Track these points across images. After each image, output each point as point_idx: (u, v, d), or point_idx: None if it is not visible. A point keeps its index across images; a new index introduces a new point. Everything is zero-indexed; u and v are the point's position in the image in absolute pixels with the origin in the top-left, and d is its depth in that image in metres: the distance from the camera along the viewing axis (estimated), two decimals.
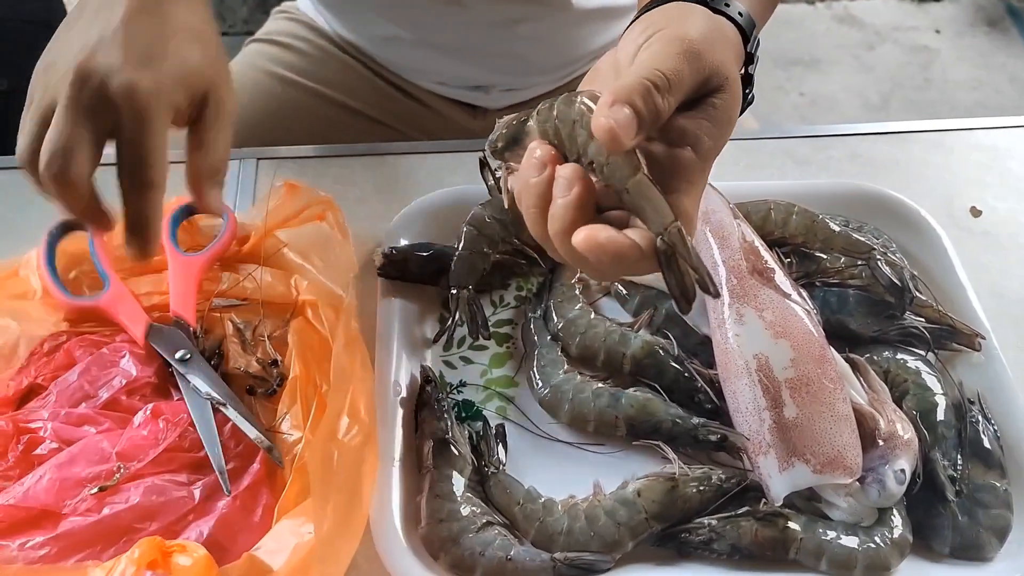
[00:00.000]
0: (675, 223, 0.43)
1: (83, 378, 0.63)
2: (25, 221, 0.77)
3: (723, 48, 0.52)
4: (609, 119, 0.44)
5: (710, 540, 0.58)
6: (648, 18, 0.54)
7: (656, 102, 0.46)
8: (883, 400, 0.63)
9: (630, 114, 0.44)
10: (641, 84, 0.45)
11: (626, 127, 0.44)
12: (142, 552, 0.51)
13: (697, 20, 0.52)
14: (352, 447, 0.57)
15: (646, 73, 0.46)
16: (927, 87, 2.48)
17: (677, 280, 0.44)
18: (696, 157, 0.47)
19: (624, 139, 0.44)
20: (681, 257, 0.43)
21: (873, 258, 0.69)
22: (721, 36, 0.53)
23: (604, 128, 0.44)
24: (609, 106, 0.44)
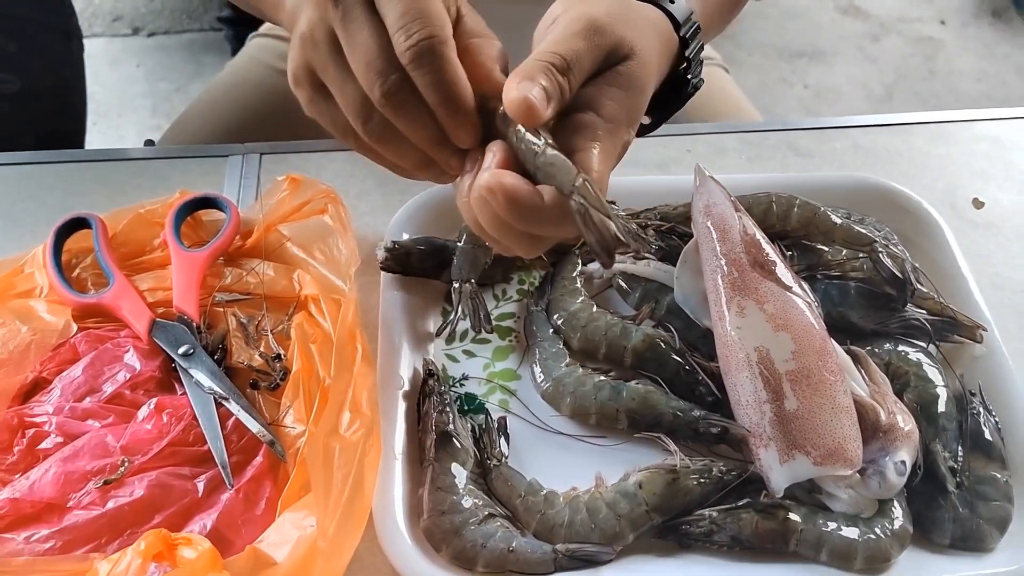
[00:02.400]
0: (579, 175, 0.45)
1: (87, 372, 0.63)
2: (30, 217, 0.78)
3: (633, 25, 0.53)
4: (520, 92, 0.46)
5: (711, 532, 0.59)
6: (560, 2, 0.55)
7: (556, 79, 0.48)
8: (884, 392, 0.63)
9: (534, 86, 0.46)
10: (539, 64, 0.48)
11: (539, 99, 0.46)
12: (148, 545, 0.51)
13: (605, 1, 0.54)
14: (354, 441, 0.57)
15: (543, 56, 0.48)
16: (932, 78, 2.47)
17: (595, 234, 0.44)
18: (600, 118, 0.49)
19: (541, 110, 0.46)
20: (593, 208, 0.44)
21: (875, 250, 0.69)
22: (632, 16, 0.55)
23: (517, 100, 0.46)
24: (515, 82, 0.46)
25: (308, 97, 0.52)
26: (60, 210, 0.75)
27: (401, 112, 0.47)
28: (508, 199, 0.45)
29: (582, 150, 0.47)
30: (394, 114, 0.47)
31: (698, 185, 0.70)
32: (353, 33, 0.47)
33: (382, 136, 0.49)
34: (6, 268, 0.70)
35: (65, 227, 0.71)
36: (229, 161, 0.83)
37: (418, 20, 0.46)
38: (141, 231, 0.73)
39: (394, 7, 0.46)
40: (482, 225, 0.48)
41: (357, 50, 0.47)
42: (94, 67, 1.13)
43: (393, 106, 0.47)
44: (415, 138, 0.48)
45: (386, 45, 0.46)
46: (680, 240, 0.72)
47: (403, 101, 0.47)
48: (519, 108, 0.45)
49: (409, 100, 0.47)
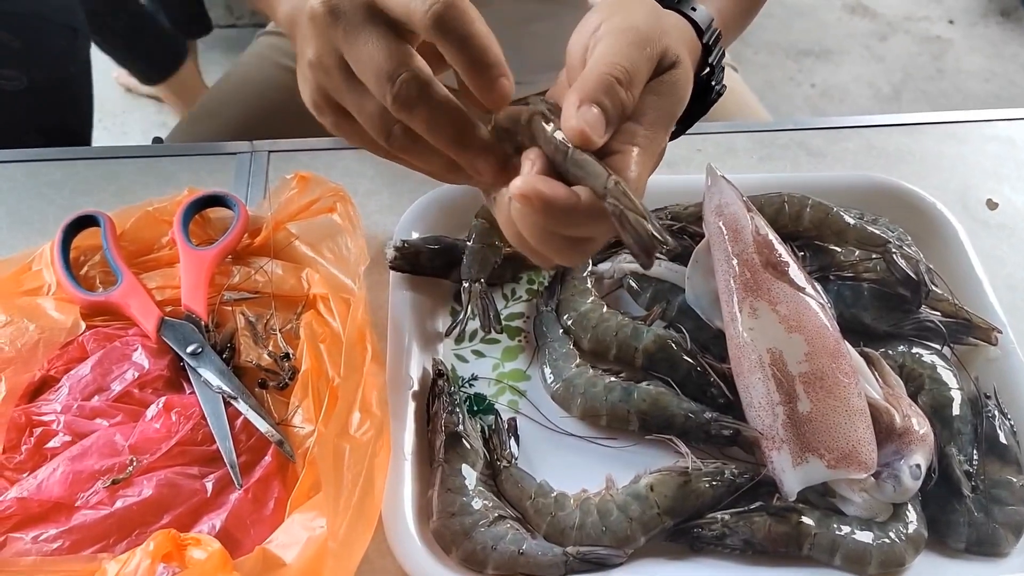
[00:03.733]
0: (612, 177, 0.44)
1: (96, 371, 0.63)
2: (37, 215, 0.78)
3: (671, 32, 0.53)
4: (580, 121, 0.45)
5: (723, 535, 0.58)
6: (596, 11, 0.55)
7: (621, 96, 0.47)
8: (898, 395, 0.63)
9: (598, 113, 0.45)
10: (604, 79, 0.47)
11: (595, 126, 0.45)
12: (157, 545, 0.51)
13: (643, 9, 0.53)
14: (364, 441, 0.57)
15: (607, 68, 0.47)
16: (940, 78, 2.46)
17: (632, 235, 0.43)
18: (640, 126, 0.48)
19: (595, 138, 0.45)
20: (628, 209, 0.43)
21: (888, 251, 0.69)
22: (667, 25, 0.54)
23: (576, 130, 0.45)
24: (576, 107, 0.45)
25: (333, 122, 0.51)
26: (68, 208, 0.75)
27: (416, 113, 0.46)
28: (544, 203, 0.44)
29: (620, 152, 0.47)
30: (409, 116, 0.46)
31: (710, 185, 0.70)
32: (358, 48, 0.46)
33: (405, 146, 0.48)
34: (14, 266, 0.70)
35: (73, 225, 0.71)
36: (237, 159, 0.83)
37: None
38: (149, 229, 0.72)
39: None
40: (525, 238, 0.48)
41: (364, 64, 0.46)
42: (100, 64, 1.13)
43: (407, 108, 0.46)
44: (437, 141, 0.47)
45: (391, 49, 0.45)
46: (691, 240, 0.72)
47: (415, 100, 0.46)
48: (578, 139, 0.45)
49: (421, 98, 0.46)
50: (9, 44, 1.03)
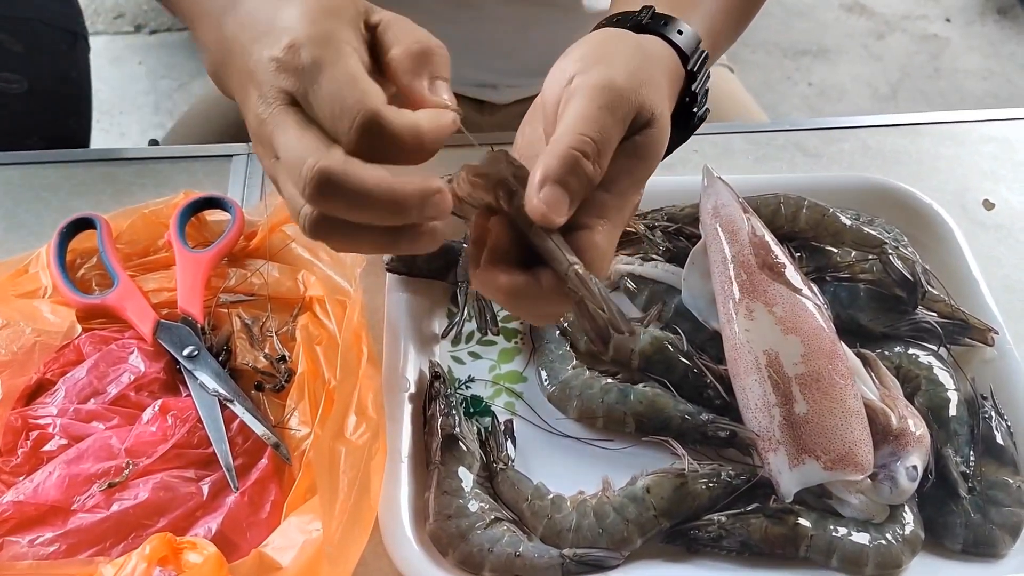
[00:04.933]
0: (572, 267, 0.44)
1: (92, 374, 0.63)
2: (33, 217, 0.78)
3: (649, 79, 0.50)
4: (541, 202, 0.44)
5: (720, 537, 0.58)
6: (572, 54, 0.53)
7: (587, 171, 0.45)
8: (895, 396, 0.63)
9: (560, 193, 0.44)
10: (570, 156, 0.45)
11: (557, 206, 0.44)
12: (153, 548, 0.51)
13: (623, 55, 0.51)
14: (360, 444, 0.57)
15: (573, 141, 0.46)
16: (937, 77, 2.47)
17: (589, 322, 0.44)
18: (610, 195, 0.47)
19: (556, 218, 0.44)
20: (586, 300, 0.43)
21: (885, 252, 0.69)
22: (647, 66, 0.52)
23: (537, 211, 0.44)
24: (539, 188, 0.44)
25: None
26: (64, 210, 0.75)
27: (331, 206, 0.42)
28: (507, 296, 0.45)
29: (588, 228, 0.46)
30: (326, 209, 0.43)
31: (706, 186, 0.70)
32: (280, 140, 0.43)
33: (328, 238, 0.45)
34: (10, 269, 0.70)
35: (69, 227, 0.71)
36: (233, 161, 0.83)
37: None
38: (145, 231, 0.72)
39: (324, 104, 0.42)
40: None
41: (284, 156, 0.43)
42: (96, 65, 1.12)
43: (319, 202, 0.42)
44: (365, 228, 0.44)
45: (313, 147, 0.42)
46: (687, 241, 0.72)
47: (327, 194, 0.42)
48: (539, 219, 0.44)
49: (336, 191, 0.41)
50: (10, 48, 1.04)
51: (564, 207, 0.44)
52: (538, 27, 0.93)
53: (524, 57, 0.97)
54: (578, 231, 0.46)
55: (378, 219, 0.42)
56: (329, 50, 0.43)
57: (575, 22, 0.94)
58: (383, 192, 0.41)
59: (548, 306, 0.46)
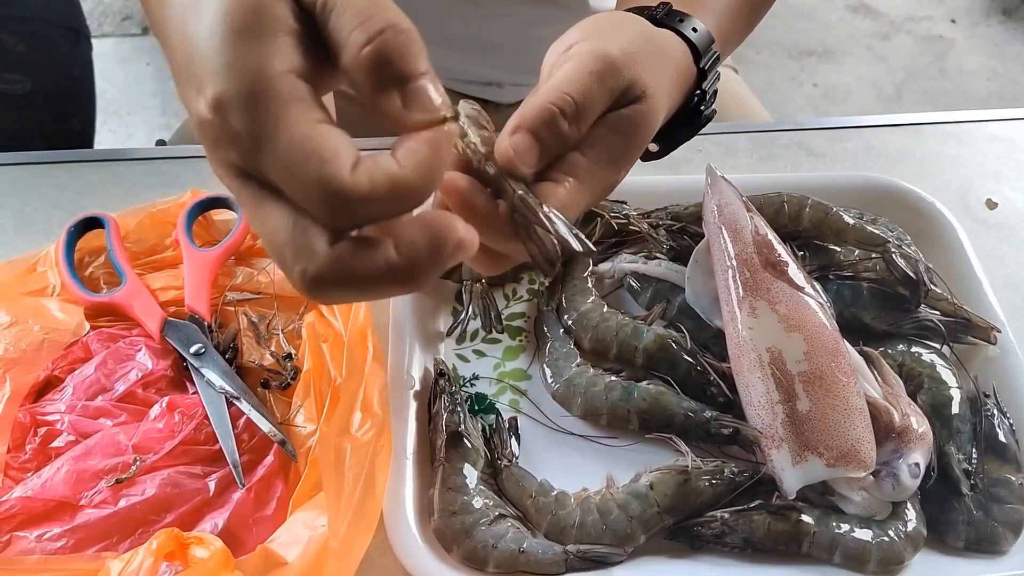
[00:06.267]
0: (518, 192, 0.43)
1: (99, 371, 0.63)
2: (42, 216, 0.78)
3: (649, 63, 0.50)
4: (509, 146, 0.44)
5: (723, 533, 0.58)
6: (579, 26, 0.53)
7: (561, 129, 0.45)
8: (897, 393, 0.63)
9: (531, 142, 0.44)
10: (546, 110, 0.45)
11: (525, 155, 0.44)
12: (160, 544, 0.51)
13: (627, 33, 0.52)
14: (365, 441, 0.57)
15: (553, 97, 0.46)
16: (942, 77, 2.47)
17: (535, 243, 0.43)
18: (584, 159, 0.47)
19: (522, 166, 0.44)
20: (531, 222, 0.43)
21: (888, 251, 0.69)
22: (651, 51, 0.52)
23: (505, 155, 0.44)
24: (510, 134, 0.44)
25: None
26: (72, 209, 0.76)
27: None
28: (461, 202, 0.43)
29: (554, 181, 0.45)
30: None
31: (710, 185, 0.70)
32: (252, 220, 0.37)
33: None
34: (19, 267, 0.70)
35: (78, 226, 0.71)
36: None
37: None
38: (153, 230, 0.73)
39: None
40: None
41: (263, 240, 0.37)
42: (104, 66, 1.13)
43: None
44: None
45: (290, 239, 0.35)
46: (691, 240, 0.72)
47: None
48: (505, 163, 0.43)
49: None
50: (12, 48, 1.04)
51: (532, 157, 0.44)
52: (545, 26, 0.94)
53: (530, 56, 0.97)
54: (543, 181, 0.45)
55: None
56: (262, 105, 0.34)
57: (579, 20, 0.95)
58: (395, 268, 0.35)
59: (496, 235, 0.44)
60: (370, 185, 0.33)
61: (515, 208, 0.43)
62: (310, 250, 0.34)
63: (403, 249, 0.35)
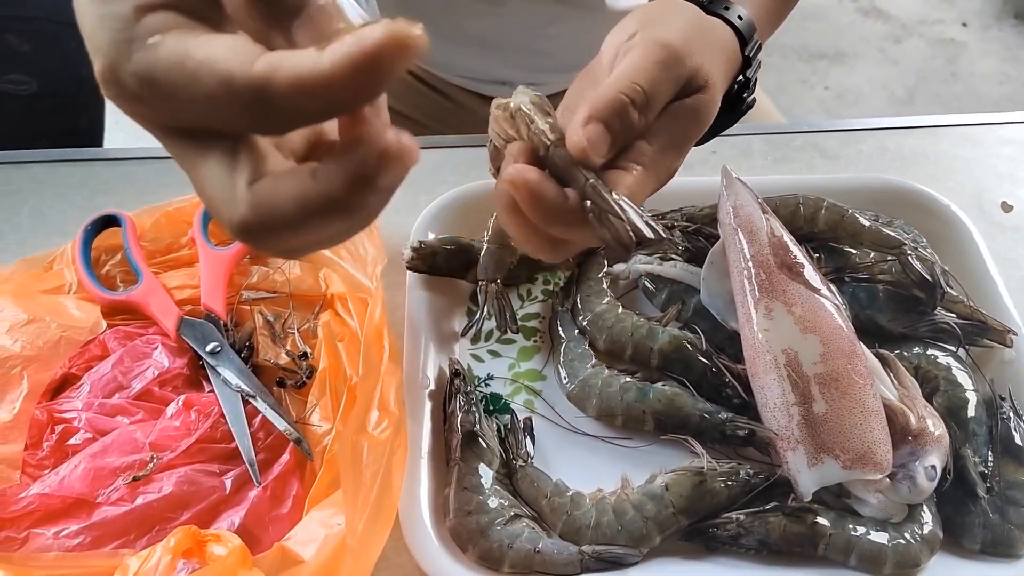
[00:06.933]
0: (589, 181, 0.44)
1: (116, 369, 0.64)
2: (58, 215, 0.78)
3: (707, 51, 0.52)
4: (582, 137, 0.44)
5: (738, 535, 0.58)
6: (636, 14, 0.54)
7: (631, 119, 0.46)
8: (913, 396, 0.63)
9: (603, 132, 0.45)
10: (618, 100, 0.46)
11: (597, 145, 0.45)
12: (178, 541, 0.51)
13: (683, 20, 0.52)
14: (382, 439, 0.57)
15: (624, 87, 0.46)
16: (953, 81, 2.46)
17: (608, 230, 0.44)
18: (651, 147, 0.48)
19: (594, 157, 0.45)
20: (604, 210, 0.44)
21: (904, 253, 0.69)
22: (707, 39, 0.53)
23: (577, 146, 0.44)
24: (583, 124, 0.45)
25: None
26: (88, 208, 0.76)
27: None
28: (531, 196, 0.44)
29: (623, 169, 0.46)
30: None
31: (725, 186, 0.70)
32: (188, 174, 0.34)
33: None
34: (35, 265, 0.71)
35: (95, 225, 0.72)
36: None
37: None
38: (169, 229, 0.73)
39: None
40: (508, 227, 0.47)
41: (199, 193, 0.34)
42: None
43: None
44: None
45: (218, 187, 0.32)
46: (706, 241, 0.72)
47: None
48: (577, 153, 0.44)
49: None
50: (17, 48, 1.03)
51: (604, 147, 0.45)
52: (560, 24, 0.94)
53: (544, 55, 0.97)
54: (611, 168, 0.46)
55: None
56: (137, 53, 0.31)
57: (597, 20, 0.95)
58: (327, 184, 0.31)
59: (565, 223, 0.45)
60: (275, 72, 0.29)
61: (587, 196, 0.44)
62: (233, 195, 0.32)
63: (321, 172, 0.31)
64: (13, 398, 0.61)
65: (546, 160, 0.45)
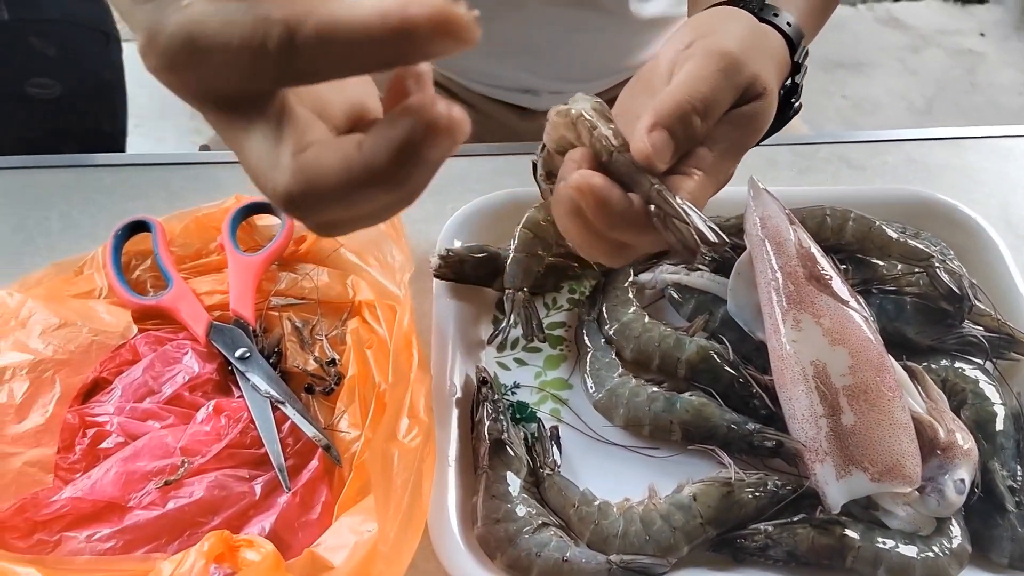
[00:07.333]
0: (654, 186, 0.45)
1: (147, 374, 0.64)
2: (88, 219, 0.79)
3: (763, 58, 0.53)
4: (648, 144, 0.46)
5: (766, 547, 0.58)
6: (691, 24, 0.55)
7: (694, 126, 0.48)
8: (941, 409, 0.63)
9: (667, 139, 0.46)
10: (680, 108, 0.47)
11: (662, 151, 0.46)
12: (211, 546, 0.52)
13: (739, 28, 0.54)
14: (413, 447, 0.57)
15: (687, 95, 0.48)
16: (973, 91, 2.45)
17: (673, 233, 0.45)
18: (711, 153, 0.49)
19: (659, 163, 0.46)
20: (669, 215, 0.45)
21: (931, 265, 0.69)
22: (762, 46, 0.54)
23: (642, 153, 0.46)
24: (648, 131, 0.46)
25: None
26: (117, 213, 0.77)
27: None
28: (597, 201, 0.45)
29: (684, 175, 0.47)
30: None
31: (752, 197, 0.70)
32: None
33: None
34: (65, 270, 0.71)
35: (125, 229, 0.72)
36: None
37: None
38: (198, 235, 0.73)
39: None
40: (570, 232, 0.48)
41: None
42: (135, 70, 1.12)
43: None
44: None
45: (262, 157, 0.33)
46: (733, 252, 0.72)
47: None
48: (643, 160, 0.46)
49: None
50: (42, 51, 1.04)
51: (668, 154, 0.46)
52: (584, 31, 0.94)
53: (568, 62, 0.97)
54: (673, 174, 0.47)
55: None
56: (172, 10, 0.31)
57: (621, 27, 0.95)
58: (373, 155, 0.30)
59: (630, 228, 0.46)
60: (308, 15, 0.29)
61: (652, 201, 0.45)
62: (277, 163, 0.32)
63: (367, 143, 0.31)
64: (46, 402, 0.62)
65: (609, 166, 0.46)
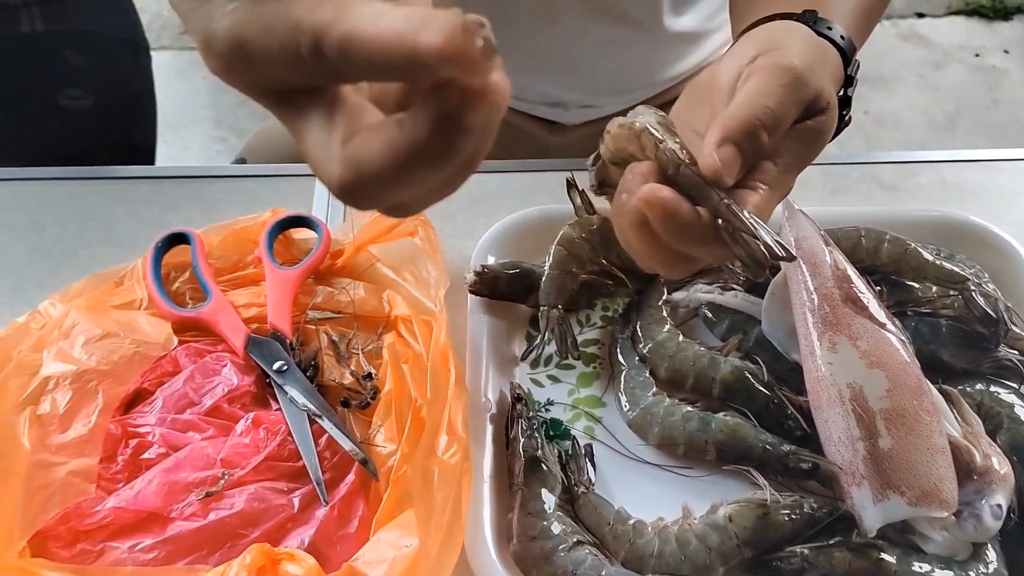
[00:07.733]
0: (723, 200, 0.46)
1: (188, 385, 0.65)
2: (128, 231, 0.80)
3: (824, 73, 0.53)
4: (716, 158, 0.47)
5: (802, 569, 0.58)
6: (753, 38, 0.55)
7: (761, 140, 0.48)
8: (977, 433, 0.63)
9: (735, 153, 0.47)
10: (748, 123, 0.48)
11: (731, 166, 0.47)
12: (252, 558, 0.52)
13: (802, 43, 0.54)
14: (453, 464, 0.58)
15: (754, 110, 0.48)
16: (995, 108, 2.44)
17: (743, 248, 0.46)
18: (775, 167, 0.50)
19: (727, 177, 0.47)
20: (739, 229, 0.46)
21: (967, 288, 0.69)
22: (822, 59, 0.55)
23: (711, 167, 0.47)
24: (716, 145, 0.47)
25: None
26: (156, 225, 0.77)
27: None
28: (665, 213, 0.46)
29: (750, 189, 0.48)
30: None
31: (787, 218, 0.70)
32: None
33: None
34: (106, 281, 0.72)
35: (164, 242, 0.73)
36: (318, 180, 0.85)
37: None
38: (236, 248, 0.74)
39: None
40: (634, 244, 0.49)
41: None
42: (161, 79, 1.14)
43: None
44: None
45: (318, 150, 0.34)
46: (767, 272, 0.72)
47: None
48: (712, 175, 0.47)
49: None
50: (73, 63, 1.05)
51: (736, 168, 0.47)
52: (617, 45, 0.95)
53: (599, 75, 0.98)
54: (739, 188, 0.48)
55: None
56: (220, 16, 0.33)
57: (654, 42, 0.96)
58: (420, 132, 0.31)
59: (697, 241, 0.47)
60: (333, 22, 0.30)
61: (720, 215, 0.46)
62: (329, 155, 0.33)
63: (407, 120, 0.31)
64: (89, 412, 0.62)
65: (675, 179, 0.47)
